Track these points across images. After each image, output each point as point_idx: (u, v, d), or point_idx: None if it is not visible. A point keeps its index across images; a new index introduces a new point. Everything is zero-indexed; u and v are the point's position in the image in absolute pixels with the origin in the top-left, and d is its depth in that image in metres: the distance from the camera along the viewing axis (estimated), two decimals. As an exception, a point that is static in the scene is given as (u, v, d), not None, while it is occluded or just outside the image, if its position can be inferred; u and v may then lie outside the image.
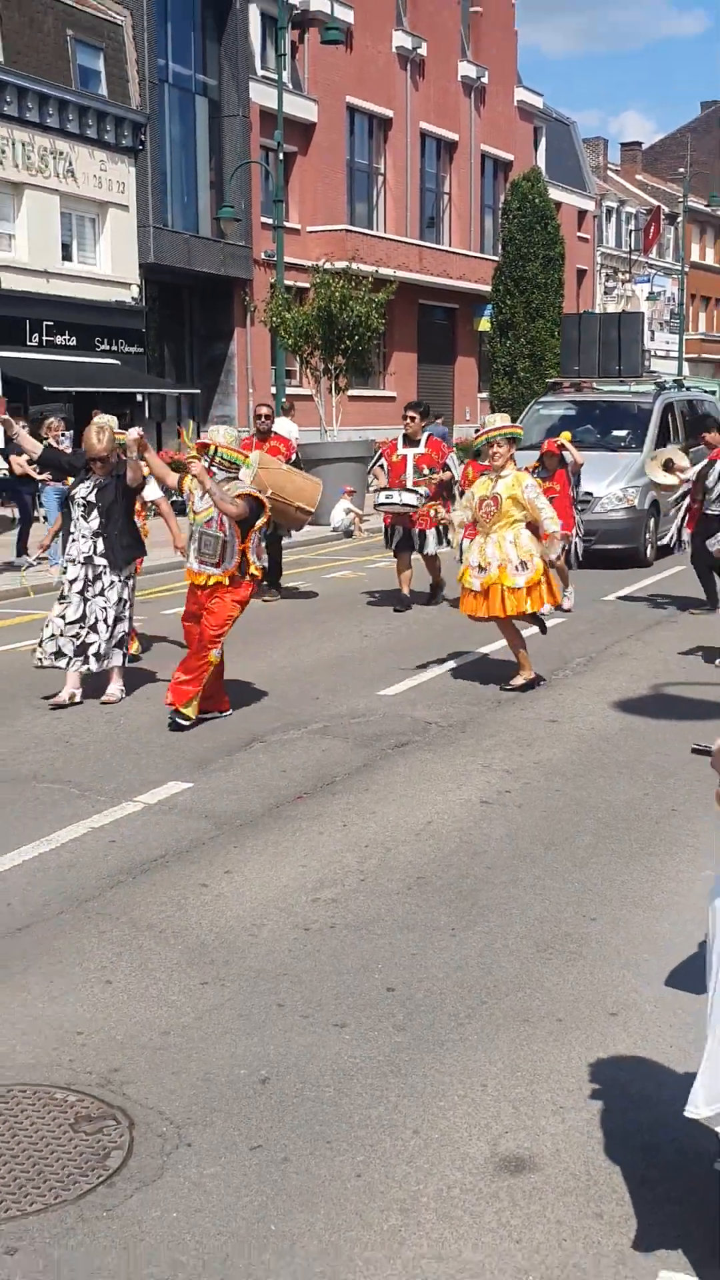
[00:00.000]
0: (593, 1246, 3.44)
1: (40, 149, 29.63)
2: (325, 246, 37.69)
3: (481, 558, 9.79)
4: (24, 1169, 3.76)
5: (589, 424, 19.02)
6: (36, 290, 29.03)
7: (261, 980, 5.01)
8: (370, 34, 41.52)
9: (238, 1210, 3.59)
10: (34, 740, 8.60)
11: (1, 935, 5.45)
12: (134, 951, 5.28)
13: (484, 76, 48.24)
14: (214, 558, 8.62)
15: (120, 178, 32.15)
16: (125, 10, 32.47)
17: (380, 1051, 4.46)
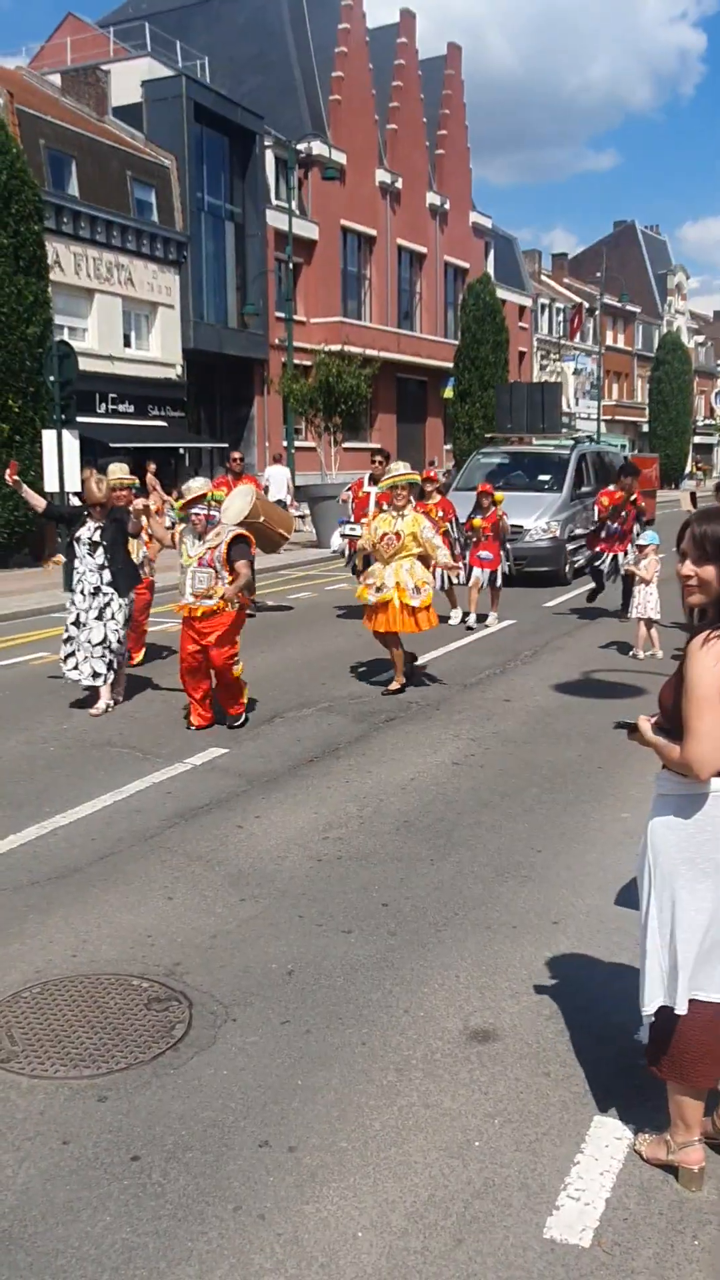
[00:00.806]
0: (542, 1097, 3.49)
1: (106, 262, 29.55)
2: (324, 334, 37.62)
3: (379, 579, 9.10)
4: (110, 1037, 3.80)
5: (519, 470, 18.42)
6: (104, 370, 28.94)
7: (286, 898, 5.04)
8: (358, 171, 41.34)
9: (272, 1069, 3.63)
10: (107, 716, 8.59)
11: (88, 862, 5.48)
12: (188, 876, 5.30)
13: (446, 203, 48.06)
14: (208, 591, 7.91)
15: (167, 284, 32.06)
16: (171, 155, 32.40)
17: (378, 951, 4.49)
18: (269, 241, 36.12)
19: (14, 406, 18.89)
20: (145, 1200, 3.00)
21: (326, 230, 39.86)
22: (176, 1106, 3.42)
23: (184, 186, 32.54)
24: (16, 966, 4.34)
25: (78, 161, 29.02)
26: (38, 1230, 2.89)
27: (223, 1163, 3.16)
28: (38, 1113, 3.39)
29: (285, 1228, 2.90)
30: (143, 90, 33.11)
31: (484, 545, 12.68)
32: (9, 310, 18.65)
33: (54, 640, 12.19)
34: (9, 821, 6.09)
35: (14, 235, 18.87)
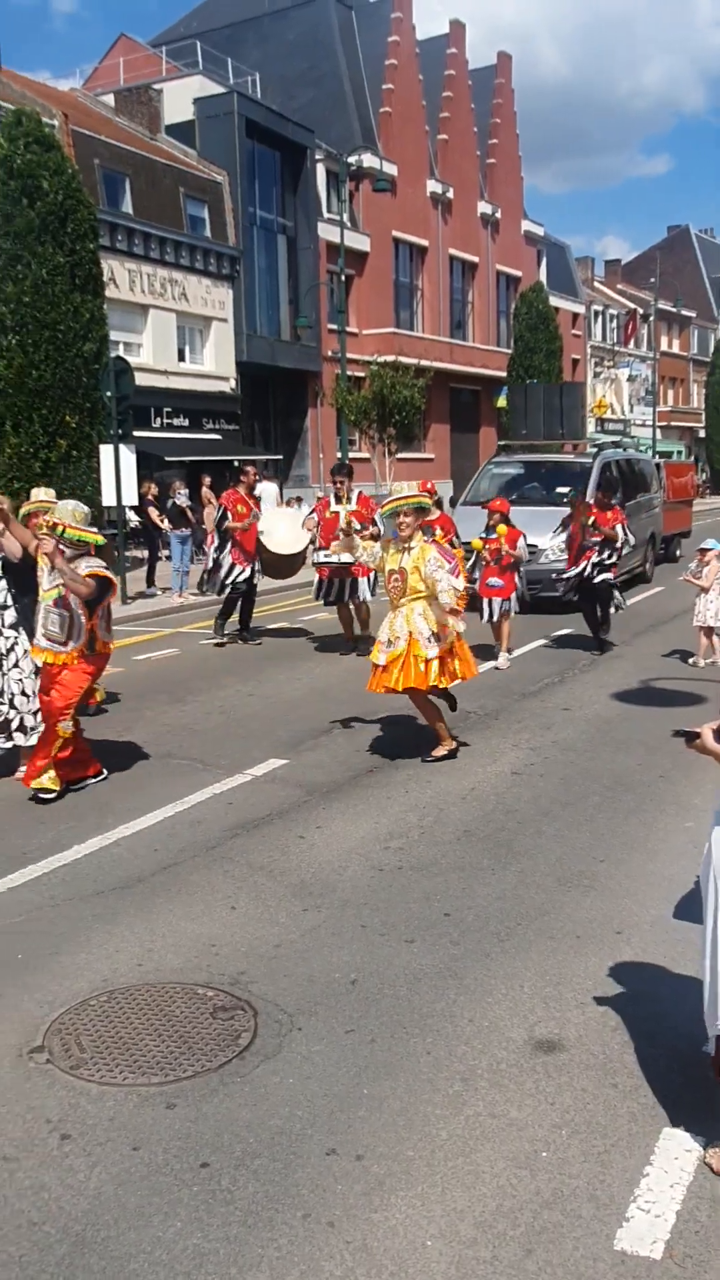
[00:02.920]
0: (610, 1108, 3.47)
1: (161, 278, 29.95)
2: (377, 345, 37.75)
3: (390, 632, 7.47)
4: (177, 1045, 3.84)
5: (535, 482, 16.50)
6: (159, 385, 29.29)
7: (348, 908, 5.06)
8: (409, 183, 41.50)
9: (337, 1078, 3.65)
10: (167, 728, 8.70)
11: (152, 873, 5.54)
12: (251, 886, 5.34)
13: (497, 212, 48.05)
14: (61, 635, 6.73)
15: (221, 298, 32.39)
16: (223, 171, 32.77)
17: (441, 961, 4.50)
18: (321, 254, 36.35)
19: (71, 422, 19.16)
20: (215, 1206, 3.03)
21: (378, 242, 40.03)
22: (244, 1114, 3.45)
23: (236, 201, 32.88)
24: (84, 975, 4.41)
25: (131, 179, 29.45)
26: (110, 1235, 2.93)
27: (291, 1170, 3.18)
28: (108, 1119, 3.44)
29: (354, 1235, 2.91)
30: (195, 108, 33.55)
31: (492, 571, 10.96)
32: (66, 327, 18.93)
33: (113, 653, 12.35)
34: (73, 832, 6.18)
35: (70, 254, 19.16)
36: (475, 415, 46.89)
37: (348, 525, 9.11)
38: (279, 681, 10.43)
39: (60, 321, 18.86)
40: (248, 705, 9.41)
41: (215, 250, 31.91)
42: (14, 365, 18.78)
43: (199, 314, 31.74)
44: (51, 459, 19.06)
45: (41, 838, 6.09)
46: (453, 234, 45.02)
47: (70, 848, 5.91)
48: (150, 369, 28.90)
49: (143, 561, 19.53)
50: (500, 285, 49.77)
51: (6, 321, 18.84)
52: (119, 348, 25.06)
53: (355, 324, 38.55)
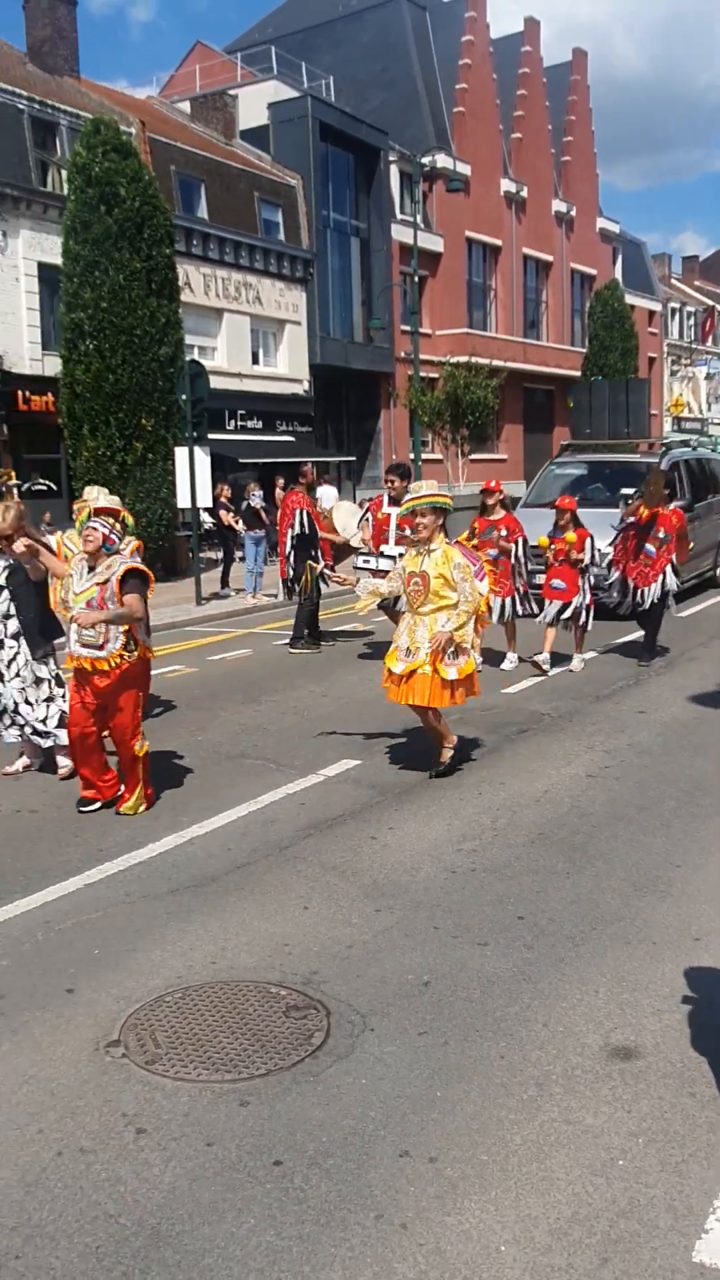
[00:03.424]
0: (689, 1118, 3.41)
1: (235, 282, 30.25)
2: (450, 346, 37.66)
3: (411, 640, 6.99)
4: (250, 1043, 3.86)
5: (599, 483, 15.88)
6: (233, 388, 29.57)
7: (421, 909, 5.04)
8: (483, 182, 41.36)
9: (410, 1080, 3.64)
10: (241, 728, 8.76)
11: (225, 872, 5.58)
12: (323, 886, 5.35)
13: (572, 210, 47.67)
14: (96, 639, 6.30)
15: (294, 301, 32.59)
16: (297, 174, 32.98)
17: (514, 964, 4.46)
18: (394, 256, 36.40)
19: (147, 425, 19.44)
20: (288, 1205, 3.04)
21: (451, 242, 39.96)
22: (317, 1113, 3.46)
23: (310, 205, 33.06)
24: (159, 972, 4.45)
25: (206, 185, 29.77)
26: (185, 1229, 2.95)
27: (364, 1171, 3.18)
28: (182, 1114, 3.47)
29: (427, 1238, 2.90)
30: (269, 112, 33.83)
31: (557, 572, 10.53)
32: (142, 332, 19.21)
33: (188, 654, 12.49)
34: (147, 831, 6.25)
35: (146, 259, 19.44)
36: (549, 415, 46.56)
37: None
38: (351, 683, 10.44)
39: (137, 326, 19.15)
40: (321, 706, 9.44)
41: (289, 253, 32.12)
42: (92, 370, 19.12)
43: (273, 317, 31.98)
44: (128, 461, 19.36)
45: (117, 835, 6.17)
46: (527, 233, 44.77)
47: (145, 846, 5.98)
48: (225, 372, 29.19)
49: (217, 563, 19.73)
50: (575, 284, 49.37)
51: (85, 327, 19.19)
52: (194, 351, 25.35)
53: (428, 325, 38.51)
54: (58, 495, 24.73)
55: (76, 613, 6.34)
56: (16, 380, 23.87)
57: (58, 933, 4.87)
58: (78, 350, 19.27)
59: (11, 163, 24.17)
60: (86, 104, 26.92)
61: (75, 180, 19.31)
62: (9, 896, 5.30)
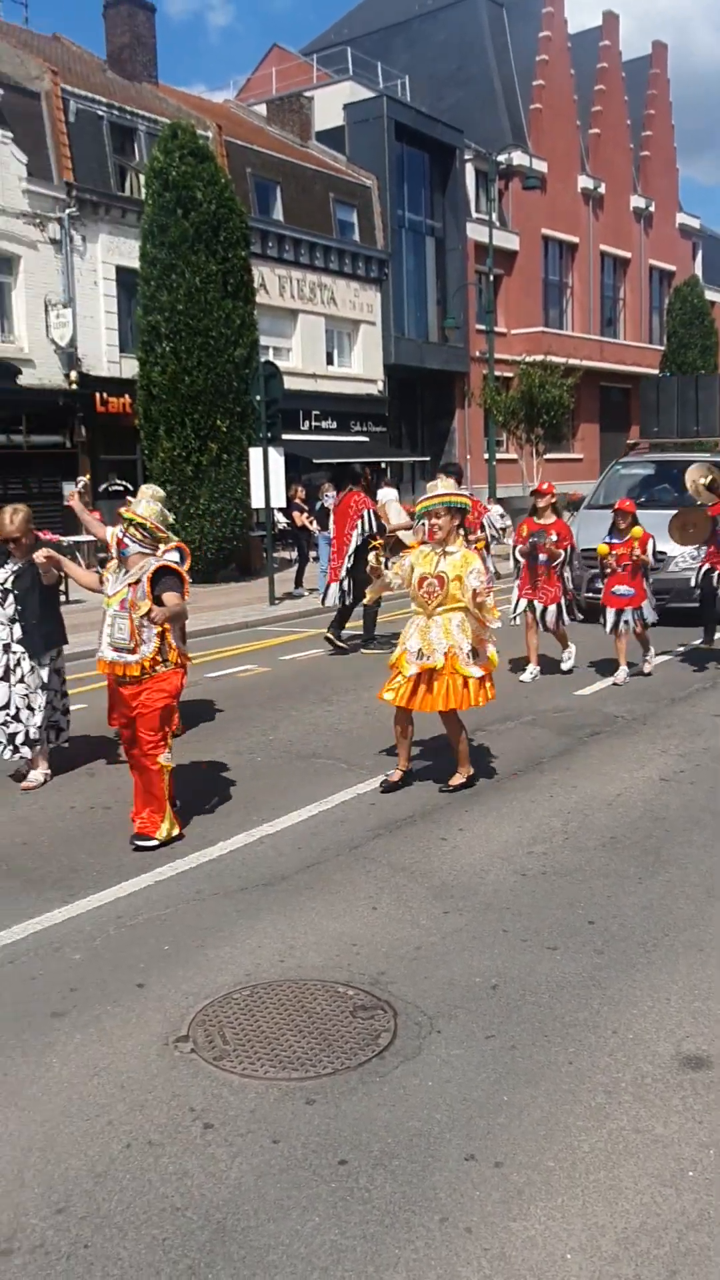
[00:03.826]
0: (760, 1128, 3.35)
1: (310, 283, 30.41)
2: (526, 344, 37.46)
3: (424, 643, 6.75)
4: (317, 1042, 3.88)
5: (666, 483, 15.16)
6: (307, 389, 29.73)
7: (490, 912, 5.02)
8: (560, 179, 41.02)
9: (477, 1083, 3.63)
10: (313, 727, 8.80)
11: (295, 871, 5.61)
12: (392, 886, 5.35)
13: (651, 206, 47.05)
14: (128, 642, 5.97)
15: (369, 301, 32.66)
16: (372, 175, 33.04)
17: (584, 969, 4.42)
18: (469, 254, 36.28)
19: (222, 426, 19.61)
20: (353, 1204, 3.05)
21: (527, 240, 39.71)
22: (382, 1114, 3.46)
23: (385, 205, 33.10)
24: (227, 969, 4.49)
25: (282, 187, 29.96)
26: (250, 1225, 2.98)
27: (429, 1173, 3.17)
28: (249, 1111, 3.50)
29: (492, 1243, 2.88)
30: (344, 113, 33.94)
31: (620, 578, 10.10)
32: (217, 334, 19.39)
33: (260, 653, 12.58)
34: (219, 829, 6.31)
35: (222, 262, 19.62)
36: (626, 414, 46.01)
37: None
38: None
39: (212, 328, 19.34)
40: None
41: (364, 254, 32.20)
42: (168, 372, 19.35)
43: (347, 317, 32.08)
44: (203, 462, 19.55)
45: (189, 833, 6.23)
46: (604, 230, 44.30)
47: (216, 844, 6.04)
48: (299, 373, 29.35)
49: (290, 563, 19.84)
50: (653, 280, 48.73)
51: (161, 329, 19.43)
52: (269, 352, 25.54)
53: (503, 324, 38.33)
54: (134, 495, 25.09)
55: (155, 614, 5.95)
56: (95, 382, 24.26)
57: (129, 928, 4.94)
58: (154, 352, 19.51)
59: (91, 169, 24.58)
60: (164, 109, 27.27)
61: (153, 184, 19.56)
62: (83, 891, 5.39)
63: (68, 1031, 4.03)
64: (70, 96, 24.30)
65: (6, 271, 23.25)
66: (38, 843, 6.20)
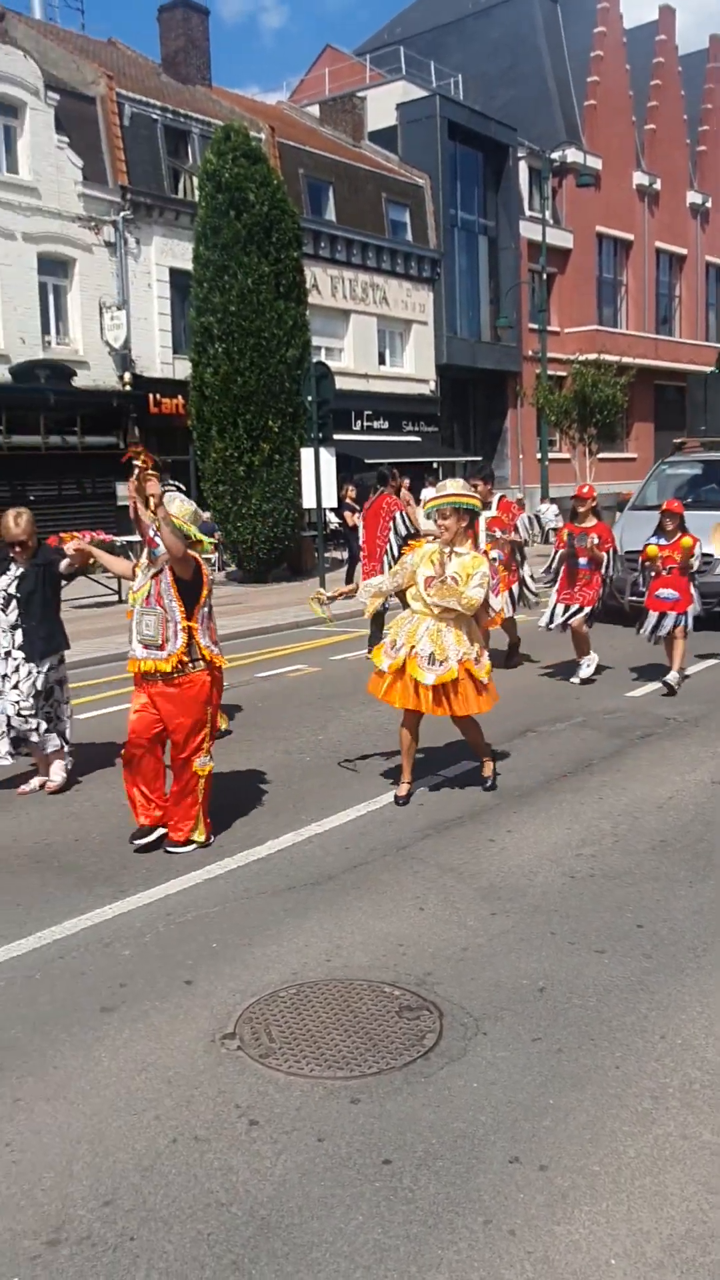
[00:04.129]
0: None
1: (362, 283, 30.45)
2: (579, 343, 37.19)
3: (437, 647, 6.55)
4: (362, 1041, 3.89)
5: (714, 483, 14.81)
6: (359, 389, 29.79)
7: (538, 914, 5.00)
8: (615, 176, 40.71)
9: (523, 1086, 3.62)
10: (361, 727, 8.81)
11: (342, 870, 5.63)
12: (440, 887, 5.34)
13: (708, 201, 46.50)
14: (156, 637, 5.82)
15: (421, 301, 32.63)
16: (425, 174, 33.00)
17: (632, 973, 4.39)
18: (522, 253, 36.14)
19: (274, 427, 19.70)
20: (396, 1204, 3.05)
21: (581, 238, 39.46)
22: (427, 1115, 3.47)
23: (437, 204, 33.07)
24: (274, 967, 4.52)
25: (335, 187, 30.04)
26: (294, 1222, 3.00)
27: (473, 1175, 3.17)
28: (294, 1109, 3.52)
29: (536, 1246, 2.88)
30: (397, 113, 33.96)
31: (665, 581, 9.72)
32: (269, 335, 19.48)
33: (310, 653, 12.62)
34: (267, 828, 6.34)
35: (275, 263, 19.71)
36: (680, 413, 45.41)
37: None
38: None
39: (264, 329, 19.43)
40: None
41: (416, 253, 32.18)
42: (220, 372, 19.48)
43: (399, 317, 32.08)
44: (254, 463, 19.66)
45: (237, 832, 6.28)
46: (660, 226, 43.88)
47: (264, 842, 6.08)
48: (351, 373, 29.40)
49: (341, 563, 19.89)
50: (710, 277, 48.19)
51: (214, 330, 19.56)
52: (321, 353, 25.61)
53: (556, 322, 38.11)
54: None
55: (161, 533, 5.76)
56: (148, 383, 24.50)
57: (178, 925, 4.99)
58: (207, 353, 19.66)
59: (146, 171, 24.82)
60: (217, 111, 27.45)
61: (206, 186, 19.71)
62: (132, 889, 5.45)
63: (116, 1026, 4.08)
64: (125, 100, 24.56)
65: (62, 274, 23.56)
66: (89, 839, 6.28)
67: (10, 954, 4.72)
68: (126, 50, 29.75)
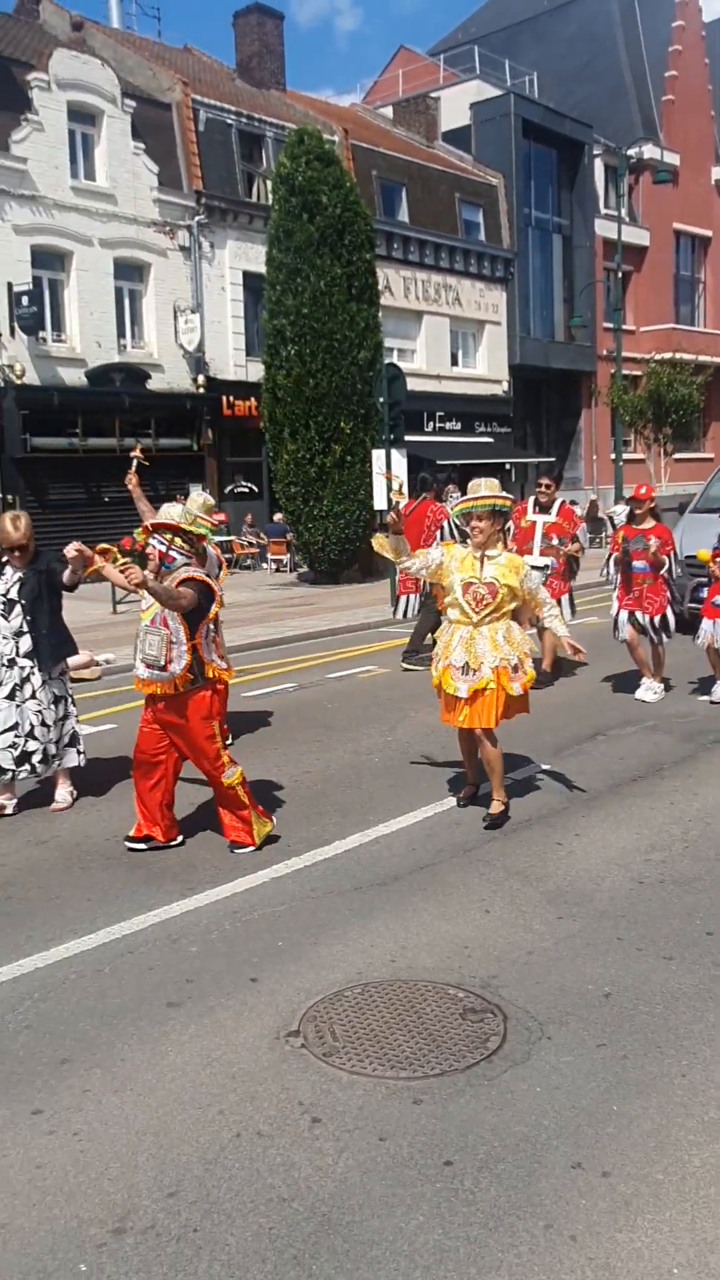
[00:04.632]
0: None
1: (435, 284, 30.44)
2: (654, 342, 36.77)
3: (471, 656, 6.29)
4: (426, 1042, 3.90)
5: None
6: (431, 390, 29.77)
7: (605, 919, 4.96)
8: (692, 171, 40.13)
9: (586, 1091, 3.60)
10: (430, 729, 8.75)
11: (408, 871, 5.63)
12: (506, 890, 5.33)
13: (790, 195, 45.67)
14: (159, 658, 5.75)
15: (494, 301, 32.52)
16: (499, 173, 32.88)
17: (701, 981, 4.33)
18: (597, 251, 35.82)
19: (345, 428, 19.77)
20: (457, 1206, 3.06)
21: (658, 235, 38.99)
22: (489, 1118, 3.46)
23: (511, 203, 32.93)
24: (339, 967, 4.55)
25: (407, 188, 30.06)
26: (355, 1220, 3.02)
27: (535, 1179, 3.16)
28: (356, 1108, 3.54)
29: (597, 1253, 2.86)
30: (471, 112, 33.89)
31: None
32: (342, 336, 19.55)
33: (381, 654, 12.65)
34: (335, 828, 6.38)
35: (347, 265, 19.77)
36: (760, 411, 44.75)
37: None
38: (538, 691, 10.32)
39: (336, 331, 19.50)
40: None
41: (489, 253, 32.08)
42: (292, 375, 19.60)
43: (472, 318, 32.01)
44: (326, 464, 19.75)
45: (305, 831, 6.33)
46: (739, 222, 43.17)
47: (332, 843, 6.11)
48: (423, 374, 29.41)
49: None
50: (791, 273, 47.23)
51: (286, 333, 19.69)
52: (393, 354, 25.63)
53: (632, 321, 37.71)
54: (259, 497, 25.50)
55: (144, 577, 5.53)
56: (221, 386, 24.76)
57: (244, 923, 5.04)
58: (279, 356, 19.79)
59: (220, 176, 25.08)
60: (291, 115, 27.63)
61: (279, 190, 19.86)
62: (200, 887, 5.52)
63: (183, 1021, 4.14)
64: (200, 106, 24.85)
65: (137, 279, 23.92)
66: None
67: (80, 948, 4.82)
68: (202, 56, 30.09)
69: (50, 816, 6.85)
